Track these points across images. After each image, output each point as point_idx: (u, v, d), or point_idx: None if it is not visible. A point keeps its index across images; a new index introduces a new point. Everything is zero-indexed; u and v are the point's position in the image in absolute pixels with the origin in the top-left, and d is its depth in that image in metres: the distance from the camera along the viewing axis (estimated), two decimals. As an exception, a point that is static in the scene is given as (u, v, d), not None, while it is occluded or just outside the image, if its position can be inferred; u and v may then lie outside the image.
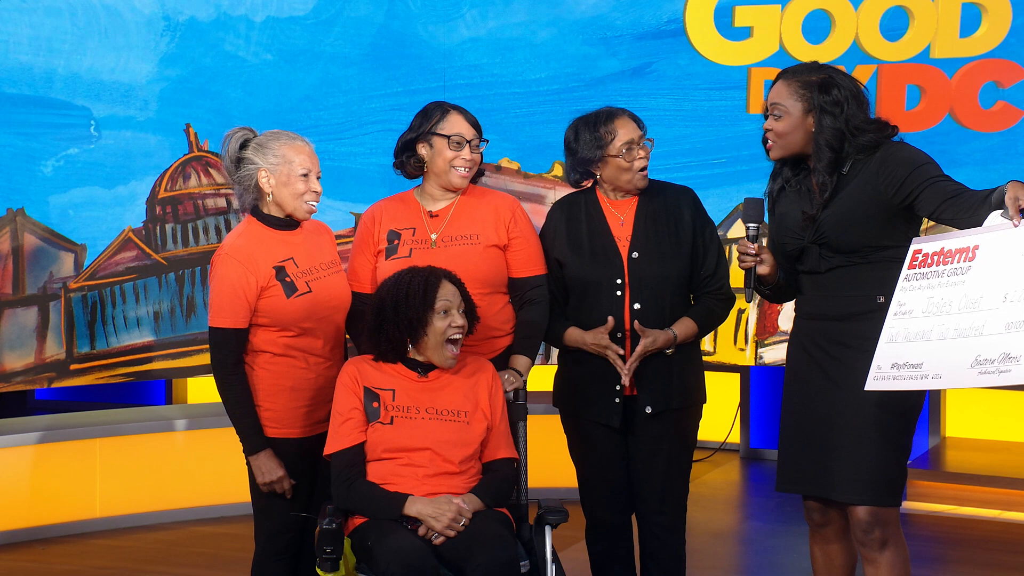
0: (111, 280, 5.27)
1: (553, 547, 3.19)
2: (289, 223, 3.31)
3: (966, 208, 2.83)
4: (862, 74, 5.06)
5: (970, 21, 4.96)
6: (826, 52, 5.10)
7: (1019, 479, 5.30)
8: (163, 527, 5.12)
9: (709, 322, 3.44)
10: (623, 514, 3.48)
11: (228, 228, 5.40)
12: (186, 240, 5.37)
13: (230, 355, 3.25)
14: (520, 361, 3.42)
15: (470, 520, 3.06)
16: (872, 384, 2.84)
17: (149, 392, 7.12)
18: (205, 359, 5.40)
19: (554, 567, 3.16)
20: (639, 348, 3.31)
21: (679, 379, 3.39)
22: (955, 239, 2.79)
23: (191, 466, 5.26)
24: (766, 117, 3.13)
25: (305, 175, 3.27)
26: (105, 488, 5.11)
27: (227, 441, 3.43)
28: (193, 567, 4.63)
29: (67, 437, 5.07)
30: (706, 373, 3.54)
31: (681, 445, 3.46)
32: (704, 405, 3.51)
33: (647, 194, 3.45)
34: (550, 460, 3.62)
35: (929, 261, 2.82)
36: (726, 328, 5.27)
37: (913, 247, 2.88)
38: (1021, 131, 4.93)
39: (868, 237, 3.01)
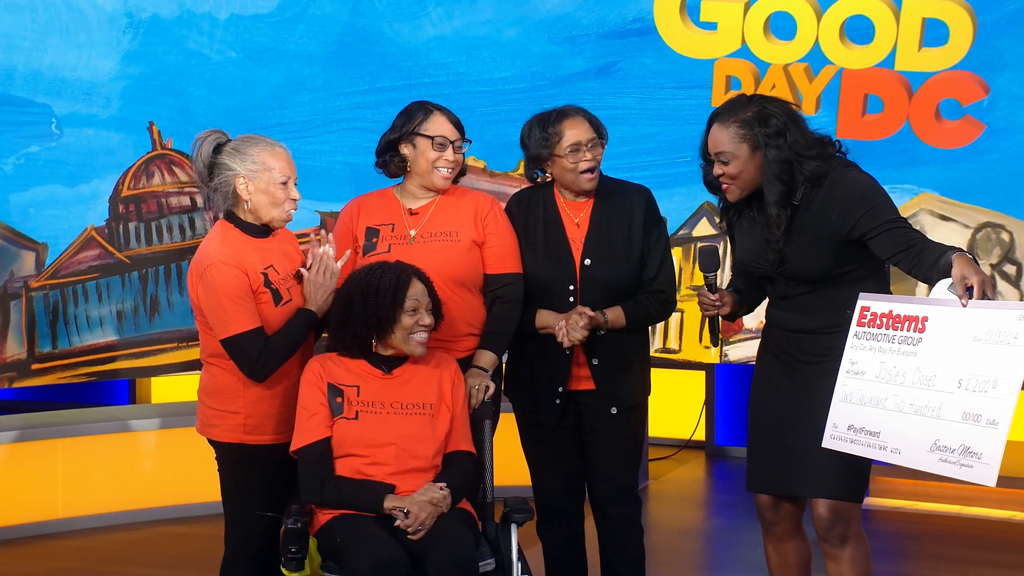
0: (73, 279, 5.22)
1: (519, 545, 3.20)
2: (264, 230, 3.25)
3: (919, 265, 2.87)
4: (827, 74, 5.10)
5: (932, 35, 5.01)
6: (789, 52, 5.14)
7: (979, 475, 5.36)
8: (126, 527, 5.08)
9: (639, 317, 3.43)
10: (574, 503, 3.53)
11: (192, 226, 5.37)
12: (150, 239, 5.33)
13: (254, 350, 3.14)
14: (485, 357, 3.41)
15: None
16: (829, 443, 2.90)
17: (112, 392, 7.06)
18: (169, 358, 5.39)
19: (519, 565, 3.17)
20: (583, 312, 3.31)
21: (634, 377, 3.46)
22: (904, 304, 2.83)
23: (154, 466, 5.22)
24: (708, 161, 3.11)
25: (284, 183, 3.21)
26: (67, 489, 5.06)
27: (191, 441, 3.41)
28: (157, 567, 4.61)
29: (29, 438, 5.02)
30: (672, 371, 3.58)
31: (633, 437, 3.51)
32: (649, 397, 3.58)
33: (603, 195, 3.46)
34: (516, 458, 3.63)
35: (878, 322, 2.85)
36: (691, 326, 5.30)
37: (861, 303, 2.91)
38: (982, 136, 4.99)
39: (832, 267, 3.05)
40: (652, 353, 3.91)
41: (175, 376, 5.81)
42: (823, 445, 2.91)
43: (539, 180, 3.51)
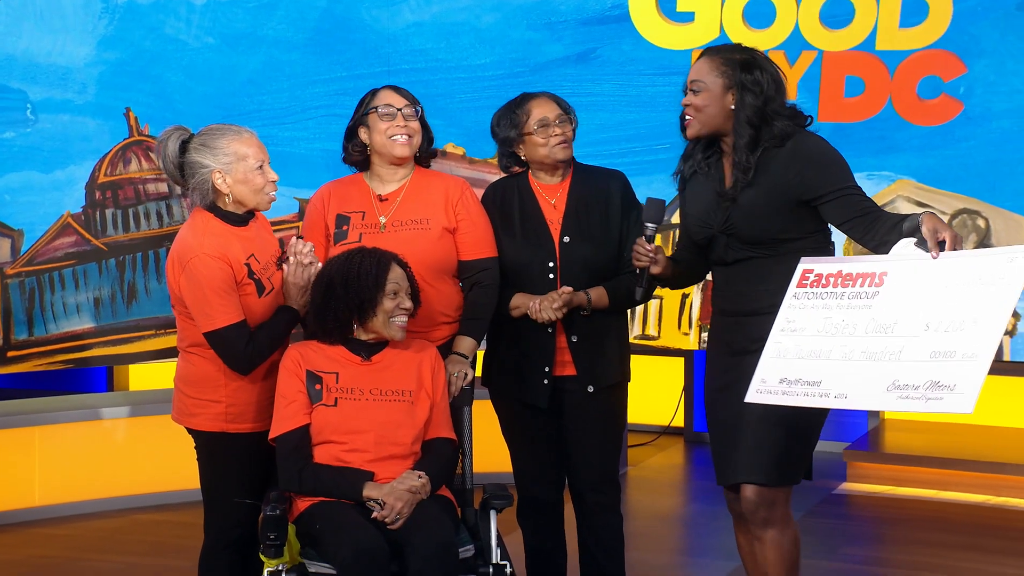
0: (49, 266, 5.19)
1: (498, 531, 3.21)
2: (244, 218, 3.22)
3: (873, 231, 2.89)
4: (805, 60, 5.11)
5: (911, 13, 5.03)
6: (768, 39, 5.15)
7: (954, 459, 5.41)
8: (104, 515, 5.07)
9: (622, 296, 3.43)
10: (556, 491, 3.54)
11: (170, 213, 5.34)
12: (127, 225, 5.30)
13: (240, 343, 3.13)
14: (464, 343, 3.42)
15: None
16: (754, 397, 2.86)
17: (89, 379, 7.03)
18: (146, 346, 5.36)
19: (499, 551, 3.18)
20: (562, 291, 3.35)
21: (611, 356, 3.45)
22: (856, 263, 2.84)
23: (132, 454, 5.21)
24: (685, 94, 3.12)
25: (260, 167, 3.18)
26: (44, 476, 5.04)
27: (169, 429, 3.40)
28: (136, 555, 4.59)
29: (5, 425, 5.00)
30: (651, 357, 3.57)
31: (614, 423, 3.52)
32: (629, 384, 3.57)
33: (578, 179, 3.47)
34: (495, 445, 3.63)
35: (824, 282, 2.85)
36: (670, 312, 5.31)
37: (803, 266, 2.90)
38: (959, 123, 5.02)
39: (775, 230, 3.03)
40: (631, 340, 3.92)
41: (153, 363, 5.78)
42: (746, 400, 2.87)
43: (514, 171, 3.51)
